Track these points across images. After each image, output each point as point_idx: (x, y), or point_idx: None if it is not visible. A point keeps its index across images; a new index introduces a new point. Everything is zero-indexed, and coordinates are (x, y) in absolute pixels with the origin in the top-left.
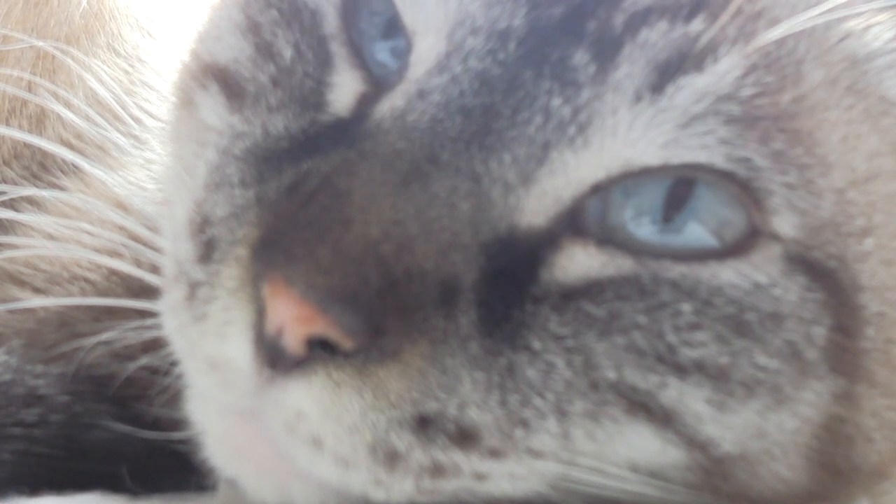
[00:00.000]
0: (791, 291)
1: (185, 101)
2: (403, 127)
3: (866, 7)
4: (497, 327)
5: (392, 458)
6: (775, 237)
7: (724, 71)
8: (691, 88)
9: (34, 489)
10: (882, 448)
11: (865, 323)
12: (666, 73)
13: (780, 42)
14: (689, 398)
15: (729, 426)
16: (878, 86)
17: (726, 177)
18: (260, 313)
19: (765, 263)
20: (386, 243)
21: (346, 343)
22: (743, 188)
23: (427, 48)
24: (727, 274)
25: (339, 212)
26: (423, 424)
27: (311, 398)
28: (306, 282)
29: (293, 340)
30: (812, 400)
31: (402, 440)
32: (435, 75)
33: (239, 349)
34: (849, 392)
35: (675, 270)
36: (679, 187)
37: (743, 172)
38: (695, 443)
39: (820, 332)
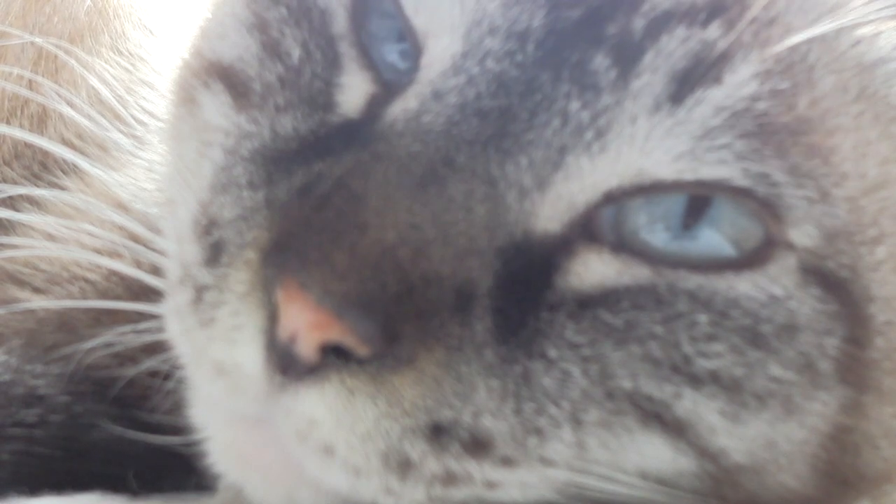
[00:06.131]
0: (806, 304)
1: (186, 100)
2: (418, 129)
3: (877, 14)
4: (512, 334)
5: (404, 467)
6: (791, 247)
7: (741, 81)
8: (710, 103)
9: (34, 489)
10: (888, 455)
11: (875, 333)
12: (685, 84)
13: (793, 48)
14: (703, 409)
15: (740, 437)
16: (887, 92)
17: (744, 193)
18: (271, 318)
19: (781, 275)
20: (402, 248)
21: (362, 350)
22: (761, 204)
23: (441, 49)
24: (744, 286)
25: (355, 215)
26: (437, 433)
27: (323, 406)
28: (322, 287)
29: (307, 347)
30: (820, 410)
31: (416, 449)
32: (450, 76)
33: (249, 355)
34: (856, 402)
35: (692, 281)
36: (698, 198)
37: (762, 189)
38: (706, 453)
39: (833, 344)
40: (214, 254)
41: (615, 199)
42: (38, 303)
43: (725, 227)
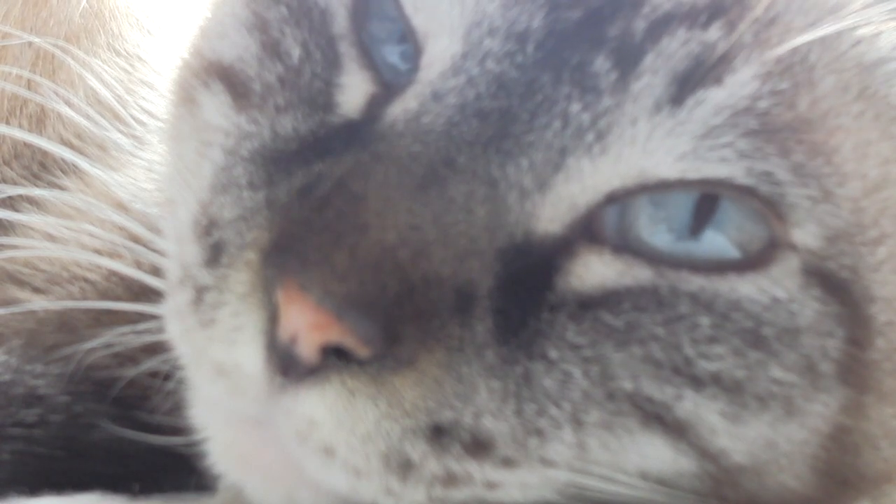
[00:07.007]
0: (807, 306)
1: (186, 100)
2: (418, 129)
3: (878, 14)
4: (513, 335)
5: (405, 468)
6: (794, 248)
7: (741, 82)
8: (711, 103)
9: (34, 489)
10: (888, 455)
11: (876, 334)
12: (685, 86)
13: (794, 49)
14: (704, 410)
15: (741, 438)
16: (888, 92)
17: (747, 192)
18: (271, 319)
19: (783, 278)
20: (403, 249)
21: (362, 351)
22: (765, 203)
23: (441, 49)
24: (746, 288)
25: (355, 216)
26: (438, 433)
27: (324, 407)
28: (322, 288)
29: (307, 348)
30: (821, 411)
31: (416, 449)
32: (450, 77)
33: (249, 356)
34: (857, 402)
35: (694, 283)
36: (705, 202)
37: (765, 188)
38: (707, 454)
39: (834, 345)
40: (214, 254)
41: (618, 198)
42: (38, 303)
43: (731, 229)
